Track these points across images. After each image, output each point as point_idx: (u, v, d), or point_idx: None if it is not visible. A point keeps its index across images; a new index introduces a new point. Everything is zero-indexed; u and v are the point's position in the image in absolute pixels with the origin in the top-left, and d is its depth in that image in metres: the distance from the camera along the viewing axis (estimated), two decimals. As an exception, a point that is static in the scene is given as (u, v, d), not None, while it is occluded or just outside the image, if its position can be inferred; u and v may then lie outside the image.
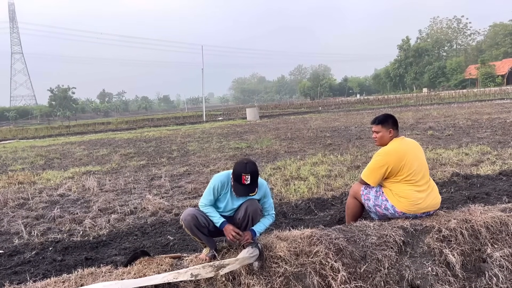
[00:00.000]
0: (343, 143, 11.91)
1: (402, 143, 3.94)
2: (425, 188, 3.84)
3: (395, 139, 3.97)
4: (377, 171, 3.87)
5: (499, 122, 14.46)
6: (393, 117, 4.05)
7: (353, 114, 27.18)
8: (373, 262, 3.29)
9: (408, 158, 3.81)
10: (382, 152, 3.92)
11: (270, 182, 6.99)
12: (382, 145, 4.03)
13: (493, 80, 72.69)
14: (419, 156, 3.94)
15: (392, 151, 3.87)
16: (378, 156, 3.92)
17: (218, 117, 42.32)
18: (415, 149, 3.95)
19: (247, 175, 3.24)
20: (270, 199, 3.66)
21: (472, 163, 7.41)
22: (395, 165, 3.80)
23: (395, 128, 3.98)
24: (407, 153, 3.84)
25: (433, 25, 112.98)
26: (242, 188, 3.30)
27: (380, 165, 3.85)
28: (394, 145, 3.92)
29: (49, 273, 3.77)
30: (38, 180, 8.97)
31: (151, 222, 5.25)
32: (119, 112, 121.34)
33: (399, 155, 3.81)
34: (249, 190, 3.31)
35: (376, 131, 4.02)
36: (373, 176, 3.91)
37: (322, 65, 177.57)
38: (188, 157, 11.39)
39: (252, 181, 3.28)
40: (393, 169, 3.81)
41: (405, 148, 3.89)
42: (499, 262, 3.43)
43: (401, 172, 3.80)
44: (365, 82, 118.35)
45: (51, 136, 28.77)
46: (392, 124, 3.98)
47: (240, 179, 3.26)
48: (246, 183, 3.26)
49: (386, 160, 3.83)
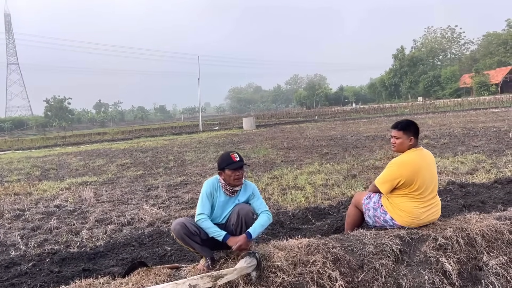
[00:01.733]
0: (339, 152, 11.95)
1: (419, 155, 3.78)
2: (429, 203, 3.76)
3: (412, 149, 3.79)
4: (391, 182, 3.74)
5: (494, 130, 14.57)
6: (415, 124, 3.85)
7: (349, 123, 27.30)
8: (370, 271, 3.30)
9: (422, 173, 3.68)
10: (396, 163, 3.76)
11: (267, 191, 7.01)
12: (400, 152, 3.85)
13: (487, 89, 73.25)
14: (433, 170, 3.81)
15: (407, 164, 3.71)
16: (392, 166, 3.77)
17: (214, 126, 42.37)
18: (430, 163, 3.81)
19: (234, 153, 3.56)
20: (260, 197, 3.71)
21: (467, 171, 7.46)
22: (408, 178, 3.65)
23: (416, 137, 3.80)
24: (422, 167, 3.70)
25: (427, 34, 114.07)
26: (236, 164, 3.49)
27: (394, 177, 3.71)
28: (410, 157, 3.76)
29: (46, 284, 3.76)
30: (34, 191, 8.94)
31: (148, 233, 5.24)
32: (115, 122, 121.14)
33: (414, 168, 3.67)
34: (241, 163, 3.53)
35: (396, 137, 3.81)
36: (387, 186, 3.77)
37: (318, 75, 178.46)
38: (185, 167, 11.39)
39: (240, 157, 3.55)
40: (406, 183, 3.67)
41: (421, 161, 3.74)
42: (495, 270, 3.45)
43: (413, 186, 3.67)
44: (360, 91, 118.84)
45: (47, 147, 28.70)
46: (414, 131, 3.79)
47: (230, 159, 3.51)
48: (237, 160, 3.50)
49: (400, 172, 3.67)
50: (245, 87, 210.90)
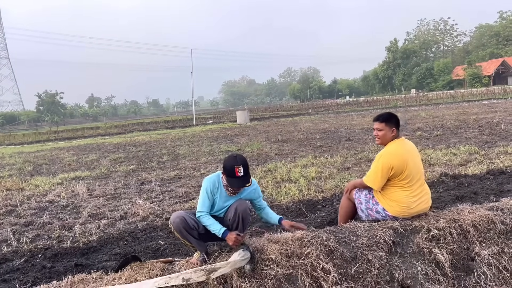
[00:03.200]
0: (333, 145, 11.97)
1: (404, 144, 3.82)
2: (418, 192, 3.77)
3: (396, 140, 3.84)
4: (382, 174, 3.71)
5: (486, 122, 14.66)
6: (396, 116, 3.91)
7: (343, 116, 27.35)
8: (363, 263, 3.31)
9: (409, 161, 3.71)
10: (385, 153, 3.78)
11: (261, 185, 7.00)
12: (383, 144, 3.89)
13: (479, 80, 73.73)
14: (417, 159, 3.84)
15: (395, 153, 3.73)
16: (382, 158, 3.76)
17: (208, 120, 42.26)
18: (413, 152, 3.85)
19: (239, 167, 3.28)
20: (262, 196, 3.78)
21: (460, 163, 7.50)
22: (398, 168, 3.66)
23: (397, 128, 3.86)
24: (408, 156, 3.74)
25: (420, 26, 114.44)
26: (237, 181, 3.32)
27: (386, 167, 3.68)
28: (396, 147, 3.79)
29: (39, 280, 3.73)
30: (27, 186, 8.87)
31: (142, 227, 5.22)
32: (108, 116, 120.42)
33: (402, 157, 3.69)
34: (244, 181, 3.33)
35: (379, 129, 3.86)
36: (379, 180, 3.75)
37: (312, 68, 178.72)
38: (179, 161, 11.36)
39: (245, 172, 3.31)
40: (396, 172, 3.68)
41: (407, 150, 3.78)
42: (487, 260, 3.47)
43: (402, 175, 3.69)
44: (354, 84, 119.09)
45: (39, 142, 28.48)
46: (395, 123, 3.86)
47: (233, 172, 3.28)
48: (240, 175, 3.29)
49: (390, 162, 3.67)
50: (238, 80, 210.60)
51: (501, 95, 39.22)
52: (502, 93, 40.88)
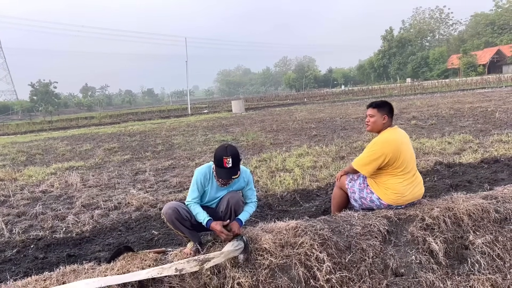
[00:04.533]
0: (328, 134, 11.95)
1: (397, 133, 3.83)
2: (412, 180, 3.79)
3: (389, 128, 3.84)
4: (373, 161, 3.71)
5: (481, 111, 14.68)
6: (390, 104, 3.91)
7: (338, 105, 27.31)
8: (357, 252, 3.30)
9: (402, 150, 3.71)
10: (379, 141, 3.76)
11: (255, 174, 6.98)
12: (373, 131, 3.89)
13: (474, 69, 73.72)
14: (410, 147, 3.85)
15: (389, 141, 3.72)
16: (374, 146, 3.75)
17: (203, 110, 42.05)
18: (406, 141, 3.86)
19: (228, 158, 3.21)
20: (252, 186, 3.66)
21: (454, 151, 7.51)
22: (393, 155, 3.66)
23: (390, 116, 3.85)
24: (402, 144, 3.74)
25: (416, 15, 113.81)
26: (224, 172, 3.25)
27: (378, 155, 3.69)
28: (391, 134, 3.79)
29: (31, 271, 3.71)
30: (20, 176, 8.79)
31: (136, 217, 5.19)
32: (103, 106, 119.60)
33: (397, 145, 3.69)
34: (232, 173, 3.27)
35: (371, 115, 3.86)
36: (370, 166, 3.74)
37: (307, 57, 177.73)
38: (173, 150, 11.30)
39: (234, 164, 3.24)
40: (390, 160, 3.67)
41: (400, 138, 3.79)
42: (481, 249, 3.48)
43: (397, 163, 3.68)
44: (349, 73, 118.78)
45: (32, 132, 28.25)
46: (388, 110, 3.85)
47: (222, 162, 3.23)
48: (228, 166, 3.23)
49: (383, 150, 3.67)
50: (234, 69, 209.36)
51: (496, 83, 39.29)
52: (496, 82, 40.90)
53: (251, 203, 3.60)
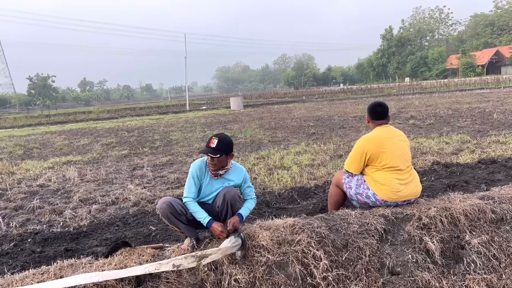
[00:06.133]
0: (326, 132, 11.96)
1: (384, 131, 4.00)
2: (407, 176, 3.87)
3: (378, 127, 4.03)
4: (357, 158, 3.95)
5: (479, 111, 14.71)
6: (372, 107, 4.12)
7: (336, 104, 27.31)
8: (354, 250, 3.32)
9: (389, 146, 3.86)
10: (361, 140, 4.02)
11: (253, 171, 6.99)
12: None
13: (473, 70, 73.79)
14: (402, 145, 3.97)
15: (371, 138, 3.96)
16: (356, 144, 4.01)
17: (201, 106, 42.01)
18: (398, 138, 3.99)
19: (215, 139, 3.38)
20: (250, 184, 3.72)
21: (452, 151, 7.53)
22: (374, 151, 3.85)
23: (372, 118, 4.10)
24: (388, 141, 3.90)
25: (415, 15, 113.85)
26: (207, 149, 3.37)
27: (359, 152, 3.93)
28: (375, 132, 4.02)
29: (28, 265, 3.70)
30: (17, 170, 8.78)
31: (133, 213, 5.20)
32: (101, 101, 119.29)
33: (379, 141, 3.89)
34: (212, 152, 3.34)
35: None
36: (355, 164, 3.98)
37: (306, 55, 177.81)
38: (171, 146, 11.30)
39: (218, 147, 3.35)
40: (372, 156, 3.87)
41: (386, 135, 3.95)
42: (477, 248, 3.50)
43: (381, 158, 3.85)
44: (348, 72, 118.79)
45: (30, 126, 28.18)
46: (369, 113, 4.11)
47: (209, 142, 3.39)
48: (211, 146, 3.35)
49: (364, 147, 3.90)
50: (232, 66, 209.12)
51: (494, 84, 39.34)
52: (495, 82, 40.97)
53: (250, 199, 3.66)
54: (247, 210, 3.57)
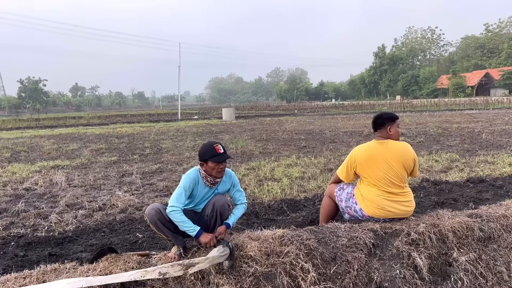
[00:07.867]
0: (317, 146, 12.00)
1: (381, 145, 3.88)
2: (392, 194, 3.79)
3: (374, 140, 4.00)
4: (346, 165, 3.99)
5: (468, 131, 14.89)
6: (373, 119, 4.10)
7: (328, 118, 27.47)
8: (343, 264, 3.30)
9: (377, 161, 3.80)
10: (355, 148, 4.05)
11: (244, 182, 6.96)
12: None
13: (463, 90, 74.94)
14: (393, 163, 3.80)
15: (363, 148, 3.97)
16: (350, 153, 4.04)
17: (193, 116, 41.98)
18: (392, 154, 3.83)
19: (218, 145, 3.44)
20: (239, 187, 3.71)
21: (441, 169, 7.58)
22: (360, 163, 3.88)
23: (374, 129, 4.05)
24: (379, 156, 3.82)
25: (408, 34, 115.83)
26: (221, 156, 3.39)
27: (349, 159, 3.97)
28: (369, 144, 4.01)
29: (10, 268, 3.61)
30: (3, 173, 8.65)
31: (120, 219, 5.12)
32: (92, 107, 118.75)
33: (368, 154, 3.88)
34: (227, 156, 3.44)
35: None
36: (344, 171, 4.02)
37: (299, 69, 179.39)
38: (161, 154, 11.23)
39: (224, 149, 3.44)
40: (358, 167, 3.89)
41: (379, 151, 3.86)
42: (464, 266, 3.50)
43: (365, 171, 3.85)
44: (340, 88, 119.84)
45: (19, 129, 27.87)
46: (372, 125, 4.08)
47: (214, 150, 3.39)
48: (221, 152, 3.39)
49: (354, 154, 3.94)
50: (226, 77, 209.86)
51: (483, 105, 39.95)
52: (484, 104, 41.62)
53: (240, 205, 3.65)
54: (235, 217, 3.55)
